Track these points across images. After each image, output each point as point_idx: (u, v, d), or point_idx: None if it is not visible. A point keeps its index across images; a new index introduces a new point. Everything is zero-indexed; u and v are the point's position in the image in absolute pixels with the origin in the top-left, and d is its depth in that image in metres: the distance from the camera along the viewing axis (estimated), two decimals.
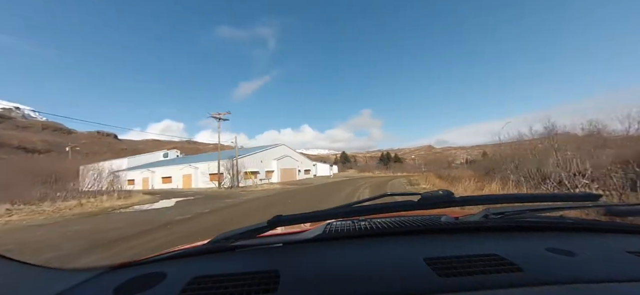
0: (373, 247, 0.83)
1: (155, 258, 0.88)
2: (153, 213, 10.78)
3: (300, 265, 0.73)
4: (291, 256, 0.80)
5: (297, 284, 0.62)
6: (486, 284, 0.57)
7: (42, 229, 8.11)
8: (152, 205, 13.75)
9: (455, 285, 0.57)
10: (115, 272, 0.79)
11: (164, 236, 6.31)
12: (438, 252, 0.73)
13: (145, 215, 10.35)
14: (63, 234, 7.05)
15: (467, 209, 1.13)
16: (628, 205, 0.91)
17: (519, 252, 0.71)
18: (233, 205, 12.31)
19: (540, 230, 0.95)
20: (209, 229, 7.12)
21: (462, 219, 0.98)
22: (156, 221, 8.50)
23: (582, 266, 0.64)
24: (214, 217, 9.13)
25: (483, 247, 0.76)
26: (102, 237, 6.40)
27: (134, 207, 13.18)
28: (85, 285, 0.71)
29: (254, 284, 0.63)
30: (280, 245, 0.89)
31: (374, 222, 1.02)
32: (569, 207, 1.06)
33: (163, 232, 6.84)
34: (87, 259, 4.73)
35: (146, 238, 6.18)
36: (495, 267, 0.63)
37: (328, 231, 0.97)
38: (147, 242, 5.81)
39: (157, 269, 0.77)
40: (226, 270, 0.72)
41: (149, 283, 0.68)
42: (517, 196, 0.94)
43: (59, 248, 5.56)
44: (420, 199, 0.85)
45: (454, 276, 0.60)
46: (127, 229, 7.26)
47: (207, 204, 13.13)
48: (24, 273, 0.69)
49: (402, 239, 0.90)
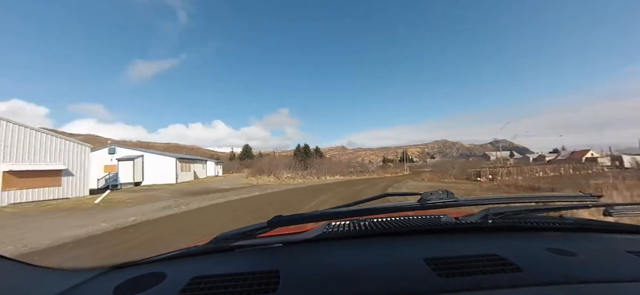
0: (373, 247, 0.83)
1: (155, 258, 0.88)
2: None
3: (300, 265, 0.73)
4: (291, 256, 0.81)
5: (297, 284, 0.62)
6: (486, 284, 0.57)
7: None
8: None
9: (455, 285, 0.57)
10: (115, 272, 0.79)
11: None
12: (438, 253, 0.73)
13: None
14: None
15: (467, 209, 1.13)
16: (628, 205, 0.91)
17: (519, 253, 0.71)
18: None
19: (540, 230, 0.95)
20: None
21: (462, 219, 0.98)
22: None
23: (582, 266, 0.64)
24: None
25: (483, 247, 0.77)
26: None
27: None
28: (85, 285, 0.72)
29: (254, 284, 0.63)
30: (280, 245, 0.89)
31: (374, 223, 1.02)
32: (569, 207, 1.06)
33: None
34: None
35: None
36: (495, 267, 0.63)
37: (328, 231, 0.97)
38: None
39: (157, 269, 0.77)
40: (226, 270, 0.72)
41: (149, 283, 0.68)
42: (517, 197, 0.94)
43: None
44: (420, 199, 0.85)
45: (454, 276, 0.60)
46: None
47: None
48: (24, 273, 0.69)
49: (402, 239, 0.90)
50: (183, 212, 9.46)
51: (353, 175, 37.65)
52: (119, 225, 7.36)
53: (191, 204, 11.30)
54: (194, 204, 11.29)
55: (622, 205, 0.89)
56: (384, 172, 47.51)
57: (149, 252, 0.94)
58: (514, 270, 0.62)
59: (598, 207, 0.92)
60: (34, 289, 0.66)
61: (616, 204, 0.89)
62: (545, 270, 0.62)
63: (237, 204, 11.41)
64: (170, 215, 8.97)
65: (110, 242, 5.77)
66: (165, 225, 7.45)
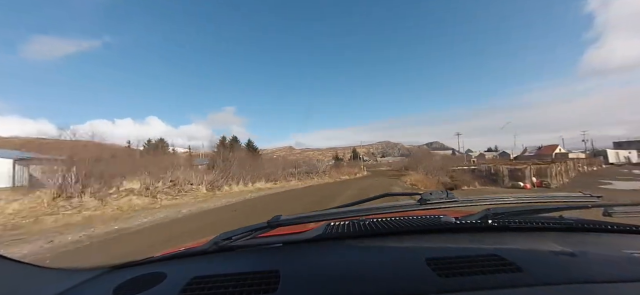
0: (373, 247, 0.83)
1: (155, 258, 0.89)
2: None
3: (300, 265, 0.73)
4: (291, 256, 0.81)
5: (298, 284, 0.63)
6: (486, 284, 0.57)
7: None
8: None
9: (455, 285, 0.57)
10: (116, 272, 0.79)
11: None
12: (438, 253, 0.73)
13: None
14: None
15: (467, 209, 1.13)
16: (628, 205, 0.91)
17: (519, 253, 0.71)
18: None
19: (540, 230, 0.95)
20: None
21: (462, 219, 0.98)
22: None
23: (582, 266, 0.64)
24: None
25: (483, 247, 0.77)
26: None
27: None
28: (85, 286, 0.72)
29: (254, 284, 0.63)
30: (280, 245, 0.89)
31: (374, 222, 1.02)
32: (569, 208, 1.06)
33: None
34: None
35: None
36: (495, 267, 0.63)
37: (328, 231, 0.97)
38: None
39: (157, 269, 0.77)
40: (226, 270, 0.72)
41: (149, 283, 0.68)
42: (517, 197, 0.94)
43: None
44: (420, 199, 0.85)
45: (454, 276, 0.60)
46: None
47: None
48: (24, 273, 0.69)
49: (402, 239, 0.90)
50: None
51: (295, 180, 24.67)
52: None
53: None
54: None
55: (622, 205, 0.89)
56: (338, 173, 33.72)
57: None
58: (514, 270, 0.62)
59: (598, 207, 0.92)
60: (34, 289, 0.66)
61: (616, 204, 0.88)
62: (545, 270, 0.62)
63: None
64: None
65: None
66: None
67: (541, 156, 55.46)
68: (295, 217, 0.89)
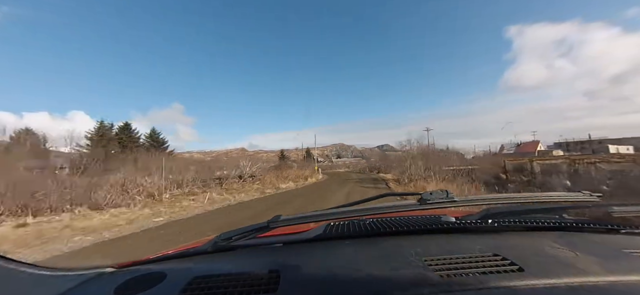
0: (373, 247, 0.83)
1: (155, 258, 0.89)
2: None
3: (300, 265, 0.73)
4: (291, 256, 0.80)
5: (298, 284, 0.62)
6: (486, 284, 0.57)
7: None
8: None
9: (455, 285, 0.57)
10: (116, 272, 0.79)
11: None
12: (438, 252, 0.73)
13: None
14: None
15: (467, 209, 1.13)
16: (627, 205, 0.91)
17: (519, 252, 0.71)
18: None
19: (540, 230, 0.95)
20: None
21: (462, 219, 0.98)
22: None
23: (582, 266, 0.64)
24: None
25: (483, 247, 0.76)
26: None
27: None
28: (86, 286, 0.72)
29: (254, 284, 0.63)
30: (280, 245, 0.89)
31: (374, 222, 1.02)
32: (569, 207, 1.06)
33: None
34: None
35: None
36: (495, 267, 0.63)
37: (328, 231, 0.97)
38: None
39: (157, 269, 0.77)
40: (226, 270, 0.72)
41: (149, 283, 0.68)
42: (517, 197, 0.94)
43: None
44: (420, 199, 0.85)
45: (454, 276, 0.60)
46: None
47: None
48: (25, 273, 0.69)
49: (402, 239, 0.90)
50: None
51: (190, 199, 11.37)
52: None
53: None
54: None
55: (622, 205, 0.89)
56: (278, 179, 19.88)
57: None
58: (514, 270, 0.62)
59: (598, 207, 0.92)
60: (34, 289, 0.66)
61: (616, 204, 0.89)
62: (546, 270, 0.62)
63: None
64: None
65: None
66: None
67: (524, 154, 55.73)
68: (295, 217, 0.89)
